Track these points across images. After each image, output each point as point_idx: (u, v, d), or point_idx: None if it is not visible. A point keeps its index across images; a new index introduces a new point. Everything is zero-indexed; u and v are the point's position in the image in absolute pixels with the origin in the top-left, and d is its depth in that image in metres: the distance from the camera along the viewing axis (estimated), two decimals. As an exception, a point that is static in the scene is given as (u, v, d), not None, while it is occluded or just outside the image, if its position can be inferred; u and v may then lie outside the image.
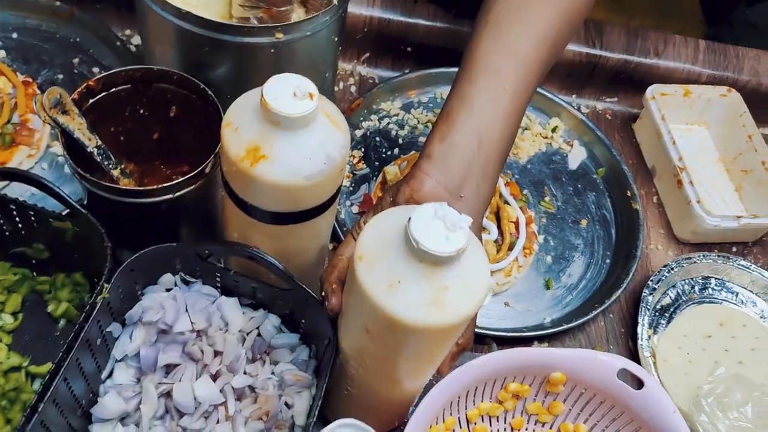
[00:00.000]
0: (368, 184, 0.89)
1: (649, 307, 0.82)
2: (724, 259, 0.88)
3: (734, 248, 0.94)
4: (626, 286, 0.83)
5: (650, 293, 0.83)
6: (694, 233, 0.91)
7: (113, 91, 0.67)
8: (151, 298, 0.63)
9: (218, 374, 0.63)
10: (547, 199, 0.93)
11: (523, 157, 0.96)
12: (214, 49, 0.66)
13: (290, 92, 0.51)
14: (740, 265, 0.88)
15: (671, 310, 0.85)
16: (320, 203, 0.58)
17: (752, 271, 0.88)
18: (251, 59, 0.68)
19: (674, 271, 0.85)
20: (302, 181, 0.53)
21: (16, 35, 0.88)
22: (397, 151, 0.92)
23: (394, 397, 0.62)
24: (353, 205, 0.87)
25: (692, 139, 1.02)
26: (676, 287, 0.87)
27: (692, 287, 0.88)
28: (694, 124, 1.03)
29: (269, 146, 0.52)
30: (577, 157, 0.98)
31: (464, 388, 0.62)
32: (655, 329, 0.83)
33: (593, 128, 0.98)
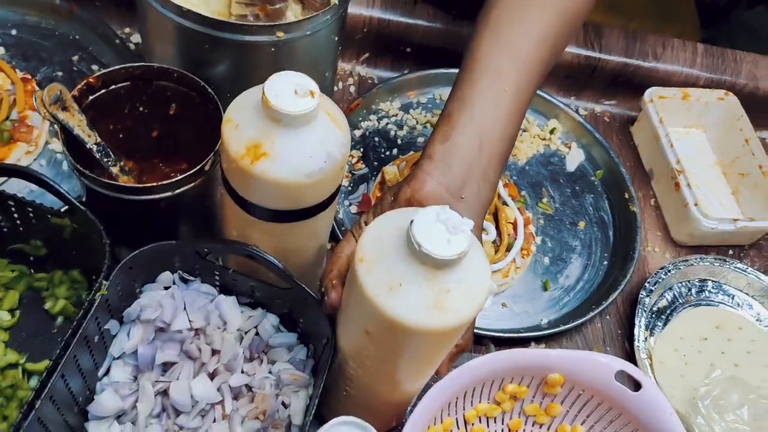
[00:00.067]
0: (367, 184, 0.88)
1: (645, 309, 0.82)
2: (720, 261, 0.88)
3: (731, 251, 0.94)
4: (623, 288, 0.84)
5: (647, 295, 0.83)
6: (691, 236, 0.91)
7: (113, 88, 0.67)
8: (149, 295, 0.63)
9: (215, 373, 0.63)
10: (545, 200, 0.93)
11: (521, 158, 0.97)
12: (214, 47, 0.66)
13: (291, 90, 0.51)
14: (737, 268, 0.88)
15: (668, 312, 0.86)
16: (320, 201, 0.58)
17: (748, 274, 0.88)
18: (251, 57, 0.67)
19: (671, 273, 0.85)
20: (302, 179, 0.53)
21: (15, 32, 0.88)
22: (395, 151, 0.92)
23: (392, 397, 0.62)
24: (351, 204, 0.87)
25: (690, 142, 1.02)
26: (672, 289, 0.87)
27: (689, 290, 0.88)
28: (691, 127, 1.03)
29: (270, 144, 0.52)
30: (575, 159, 0.98)
31: (462, 388, 0.61)
32: (651, 331, 0.83)
33: (591, 130, 0.98)
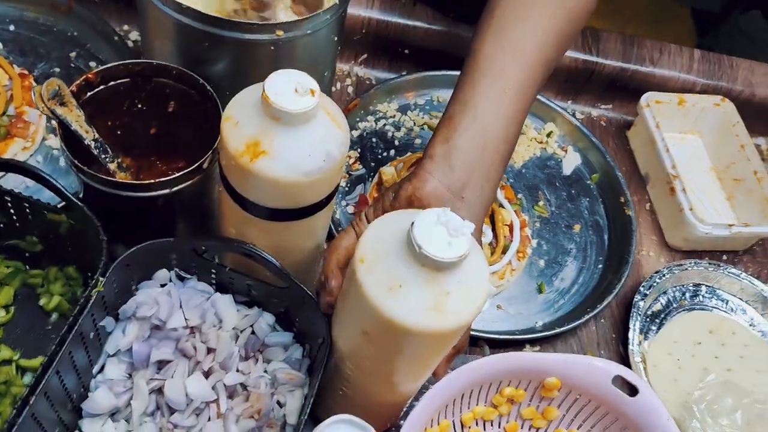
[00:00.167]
0: (364, 185, 0.88)
1: (640, 312, 0.82)
2: (714, 266, 0.88)
3: (725, 256, 0.95)
4: (618, 291, 0.84)
5: (642, 299, 0.83)
6: (685, 240, 0.92)
7: (112, 84, 0.66)
8: (145, 293, 0.63)
9: (211, 371, 0.63)
10: (541, 203, 0.93)
11: (518, 161, 0.97)
12: (213, 44, 0.66)
13: (292, 88, 0.51)
14: (731, 273, 0.88)
15: (662, 316, 0.86)
16: (318, 201, 0.58)
17: (742, 279, 0.88)
18: (251, 56, 0.67)
19: (666, 277, 0.86)
20: (301, 177, 0.53)
21: (13, 27, 0.88)
22: (393, 152, 0.92)
23: (388, 398, 0.62)
24: (348, 205, 0.87)
25: (686, 147, 1.02)
26: (667, 294, 0.87)
27: (683, 294, 0.88)
28: (687, 132, 1.03)
29: (269, 142, 0.52)
30: (571, 162, 0.98)
31: (459, 391, 0.61)
32: (645, 335, 0.83)
33: (588, 134, 0.98)
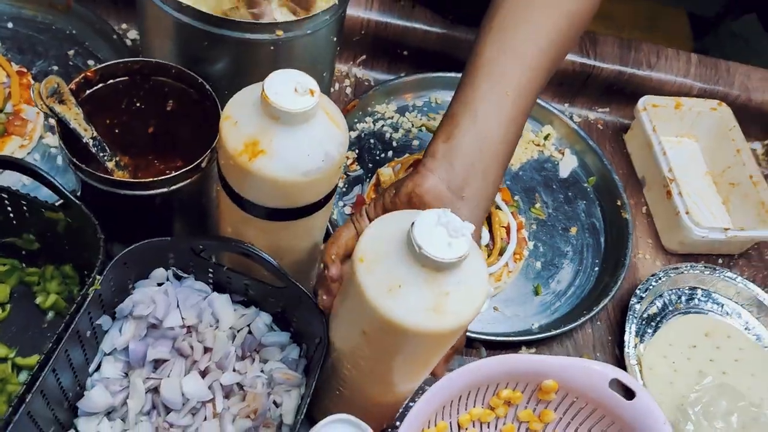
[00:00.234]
0: (362, 185, 0.88)
1: (636, 315, 0.82)
2: (710, 270, 0.88)
3: (720, 260, 0.95)
4: (614, 294, 0.84)
5: (638, 302, 0.83)
6: (681, 244, 0.92)
7: (111, 82, 0.66)
8: (142, 292, 0.63)
9: (207, 371, 0.63)
10: (537, 205, 0.94)
11: (515, 163, 0.97)
12: (212, 43, 0.66)
13: (291, 88, 0.51)
14: (726, 276, 0.89)
15: (658, 319, 0.86)
16: (316, 201, 0.58)
17: (737, 283, 0.89)
18: (250, 55, 0.67)
19: (662, 280, 0.86)
20: (300, 177, 0.53)
21: (11, 25, 0.88)
22: (390, 153, 0.92)
23: (385, 399, 0.62)
24: (346, 206, 0.87)
25: (682, 151, 1.03)
26: (663, 297, 0.88)
27: (679, 297, 0.88)
28: (684, 136, 1.04)
29: (268, 141, 0.52)
30: (568, 165, 0.99)
31: (457, 392, 0.61)
32: (641, 338, 0.84)
33: (585, 137, 0.99)
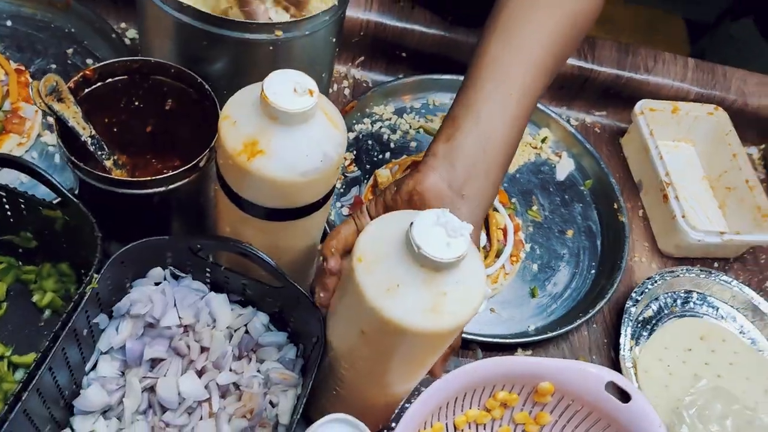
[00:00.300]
0: (359, 186, 0.89)
1: (631, 318, 0.83)
2: (706, 274, 0.89)
3: (716, 264, 0.96)
4: (610, 297, 0.84)
5: (633, 305, 0.83)
6: (677, 247, 0.92)
7: (109, 81, 0.66)
8: (139, 291, 0.63)
9: (204, 370, 0.63)
10: (534, 208, 0.94)
11: (512, 165, 0.97)
12: (212, 43, 0.66)
13: (290, 88, 0.51)
14: (722, 280, 0.89)
15: (653, 322, 0.86)
16: (314, 201, 0.58)
17: (733, 286, 0.89)
18: (249, 55, 0.68)
19: (657, 284, 0.86)
20: (298, 177, 0.53)
21: (10, 23, 0.88)
22: (388, 155, 0.93)
23: (382, 399, 0.62)
24: (344, 206, 0.87)
25: (679, 155, 1.03)
26: (658, 300, 0.88)
27: (674, 300, 0.89)
28: (681, 140, 1.04)
29: (267, 141, 0.52)
30: (565, 168, 0.99)
31: (453, 393, 0.61)
32: (637, 341, 0.84)
33: (582, 140, 0.99)
